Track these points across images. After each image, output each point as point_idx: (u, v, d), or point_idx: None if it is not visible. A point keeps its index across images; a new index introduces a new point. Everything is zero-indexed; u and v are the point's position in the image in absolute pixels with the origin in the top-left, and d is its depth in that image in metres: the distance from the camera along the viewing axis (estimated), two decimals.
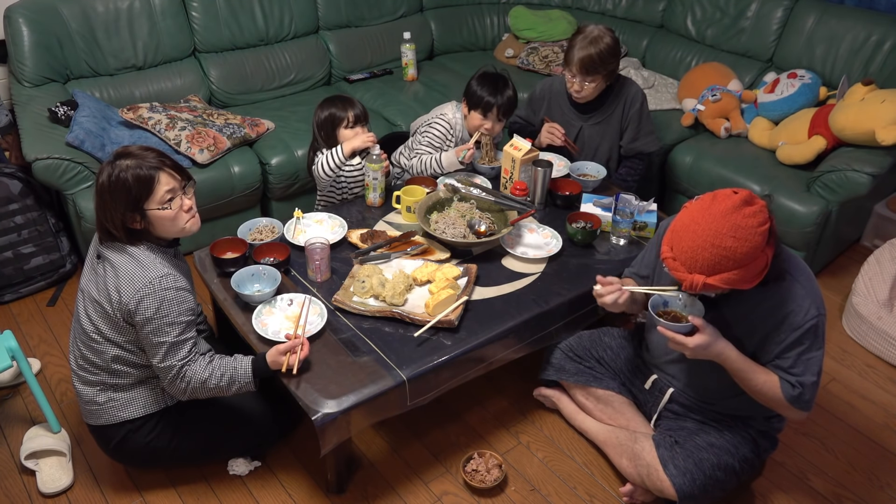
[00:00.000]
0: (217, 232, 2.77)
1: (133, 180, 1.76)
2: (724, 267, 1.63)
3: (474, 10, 4.22)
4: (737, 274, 1.63)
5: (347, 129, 2.61)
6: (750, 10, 3.53)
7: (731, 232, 1.61)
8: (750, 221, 1.62)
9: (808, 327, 1.74)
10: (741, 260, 1.62)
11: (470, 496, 2.11)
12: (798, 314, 1.74)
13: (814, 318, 1.74)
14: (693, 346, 1.74)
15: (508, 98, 2.64)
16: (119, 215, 1.78)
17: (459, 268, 2.21)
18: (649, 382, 2.12)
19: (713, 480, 1.90)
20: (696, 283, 1.66)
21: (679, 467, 1.90)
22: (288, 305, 2.08)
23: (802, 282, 1.77)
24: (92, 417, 1.97)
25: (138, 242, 1.83)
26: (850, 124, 2.82)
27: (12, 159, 3.04)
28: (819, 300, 1.77)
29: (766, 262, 1.66)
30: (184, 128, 2.95)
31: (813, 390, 1.79)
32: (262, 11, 3.53)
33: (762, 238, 1.63)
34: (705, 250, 1.63)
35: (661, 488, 1.93)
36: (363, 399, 1.83)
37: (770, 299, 1.77)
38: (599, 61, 2.59)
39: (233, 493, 2.10)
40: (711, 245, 1.62)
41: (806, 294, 1.75)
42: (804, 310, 1.73)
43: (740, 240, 1.61)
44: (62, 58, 3.12)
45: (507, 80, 2.67)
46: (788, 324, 1.75)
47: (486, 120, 2.66)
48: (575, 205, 2.56)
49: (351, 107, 2.61)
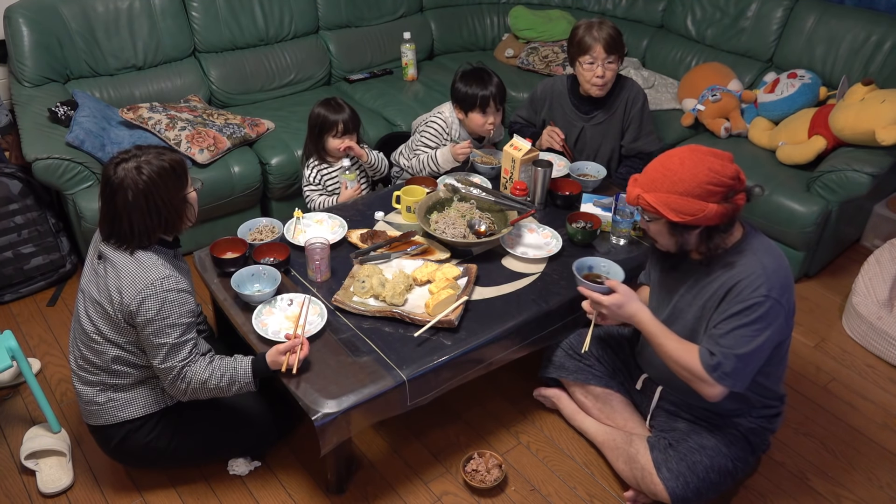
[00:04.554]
0: (217, 232, 2.78)
1: (170, 164, 1.79)
2: (660, 186, 1.71)
3: (474, 10, 4.22)
4: (667, 198, 1.69)
5: (335, 139, 2.65)
6: (750, 10, 3.53)
7: (684, 157, 1.70)
8: (708, 161, 1.68)
9: (752, 303, 1.71)
10: (677, 185, 1.68)
11: (470, 496, 2.11)
12: (747, 289, 1.72)
13: (761, 297, 1.70)
14: (608, 304, 1.86)
15: (498, 85, 2.67)
16: (168, 209, 1.80)
17: (459, 268, 2.21)
18: (640, 382, 2.13)
19: (707, 483, 1.90)
20: (632, 194, 1.77)
21: (672, 471, 1.90)
22: (288, 305, 2.08)
23: (766, 263, 1.74)
24: (92, 417, 1.97)
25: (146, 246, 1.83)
26: (850, 124, 2.82)
27: (12, 159, 3.04)
28: (777, 286, 1.72)
29: (704, 216, 1.67)
30: (184, 128, 2.95)
31: (735, 364, 1.72)
32: (262, 11, 3.53)
33: (707, 179, 1.66)
34: (655, 169, 1.74)
35: (655, 492, 1.93)
36: (363, 399, 1.83)
37: (727, 273, 1.77)
38: (619, 37, 2.64)
39: (233, 493, 2.10)
40: (661, 164, 1.73)
41: (762, 273, 1.72)
42: (754, 286, 1.71)
43: (686, 167, 1.68)
44: (62, 58, 3.12)
45: (488, 69, 2.70)
46: (734, 295, 1.74)
47: (486, 115, 2.66)
48: (575, 205, 2.56)
49: (340, 112, 2.64)
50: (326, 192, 2.75)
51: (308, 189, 2.75)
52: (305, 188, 2.76)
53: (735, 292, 1.74)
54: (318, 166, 2.73)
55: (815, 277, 3.08)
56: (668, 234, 1.77)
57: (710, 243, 1.75)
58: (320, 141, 2.69)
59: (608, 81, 2.70)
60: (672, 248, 1.81)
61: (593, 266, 2.11)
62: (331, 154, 2.71)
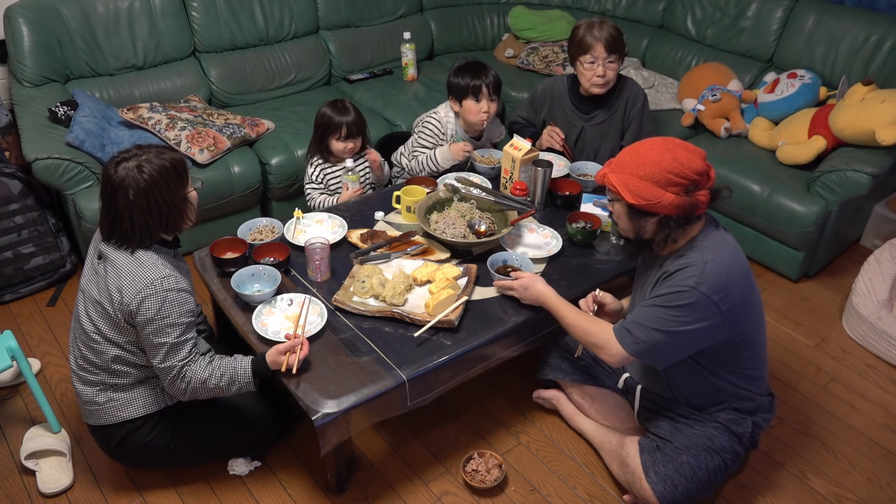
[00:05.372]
0: (217, 232, 2.77)
1: (171, 163, 1.79)
2: (625, 168, 1.77)
3: (474, 10, 4.22)
4: (628, 180, 1.75)
5: (339, 142, 2.65)
6: (750, 10, 3.53)
7: (654, 145, 1.75)
8: (676, 152, 1.72)
9: (677, 290, 1.75)
10: (639, 168, 1.74)
11: (470, 496, 2.11)
12: (678, 276, 1.77)
13: (687, 287, 1.73)
14: (516, 286, 2.06)
15: (493, 76, 2.68)
16: (169, 208, 1.80)
17: (459, 268, 2.21)
18: (621, 381, 2.15)
19: (696, 483, 1.89)
20: (600, 172, 1.85)
21: (659, 474, 1.90)
22: (288, 305, 2.08)
23: (708, 259, 1.76)
24: (92, 417, 1.97)
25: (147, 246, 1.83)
26: (850, 124, 2.82)
27: (12, 159, 3.04)
28: (711, 283, 1.72)
29: (659, 203, 1.72)
30: (184, 128, 2.95)
31: (639, 332, 1.79)
32: (262, 11, 3.53)
33: (669, 168, 1.71)
34: (626, 153, 1.81)
35: (644, 496, 1.92)
36: (363, 399, 1.83)
37: (671, 264, 1.81)
38: (620, 36, 2.64)
39: (233, 493, 2.10)
40: (633, 148, 1.80)
41: (699, 267, 1.74)
42: (685, 275, 1.75)
43: (652, 153, 1.73)
44: (62, 58, 3.12)
45: (483, 63, 2.71)
46: (665, 281, 1.80)
47: (480, 103, 2.67)
48: (575, 205, 2.56)
49: (345, 115, 2.65)
50: (328, 191, 2.75)
51: (310, 187, 2.75)
52: (307, 185, 2.76)
53: (668, 279, 1.80)
54: (322, 165, 2.74)
55: (815, 277, 3.08)
56: (626, 218, 1.83)
57: (664, 233, 1.79)
58: (324, 141, 2.70)
59: (609, 80, 2.70)
60: (630, 234, 1.87)
61: (507, 260, 2.25)
62: (334, 155, 2.72)
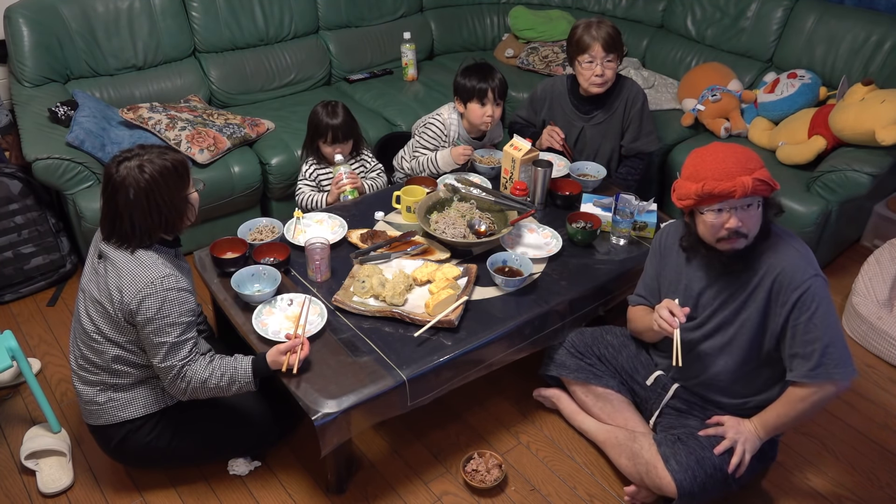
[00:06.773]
0: (217, 232, 2.77)
1: (173, 163, 1.79)
2: (755, 164, 1.72)
3: (474, 10, 4.22)
4: (767, 171, 1.72)
5: (326, 146, 2.67)
6: (750, 10, 3.53)
7: (723, 146, 1.77)
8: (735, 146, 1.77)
9: (811, 288, 1.75)
10: (751, 161, 1.71)
11: (470, 496, 2.11)
12: (794, 274, 1.77)
13: (811, 278, 1.76)
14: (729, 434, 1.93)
15: (500, 80, 2.68)
16: (169, 208, 1.79)
17: (459, 268, 2.21)
18: (651, 379, 2.12)
19: (713, 480, 1.89)
20: (745, 184, 1.68)
21: (681, 463, 1.90)
22: (288, 305, 2.08)
23: (793, 245, 1.81)
24: (92, 417, 1.97)
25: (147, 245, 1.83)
26: (850, 124, 2.82)
27: (12, 159, 3.04)
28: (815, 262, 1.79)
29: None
30: (184, 128, 2.95)
31: (839, 352, 1.75)
32: (262, 11, 3.53)
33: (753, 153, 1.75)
34: (728, 158, 1.71)
35: (659, 485, 1.92)
36: (363, 399, 1.83)
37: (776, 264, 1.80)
38: (618, 36, 2.65)
39: (233, 493, 2.10)
40: (733, 152, 1.73)
41: (800, 255, 1.79)
42: (798, 269, 1.77)
43: (737, 149, 1.74)
44: (62, 58, 3.12)
45: (491, 65, 2.70)
46: (788, 282, 1.78)
47: (485, 107, 2.67)
48: (575, 205, 2.56)
49: (333, 118, 2.65)
50: (319, 189, 2.76)
51: (302, 182, 2.76)
52: (299, 181, 2.77)
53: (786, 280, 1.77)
54: (316, 166, 2.74)
55: None
56: (759, 216, 1.77)
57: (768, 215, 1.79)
58: (314, 144, 2.71)
59: (608, 80, 2.70)
60: (755, 230, 1.80)
61: (507, 260, 2.23)
62: (325, 157, 2.73)
